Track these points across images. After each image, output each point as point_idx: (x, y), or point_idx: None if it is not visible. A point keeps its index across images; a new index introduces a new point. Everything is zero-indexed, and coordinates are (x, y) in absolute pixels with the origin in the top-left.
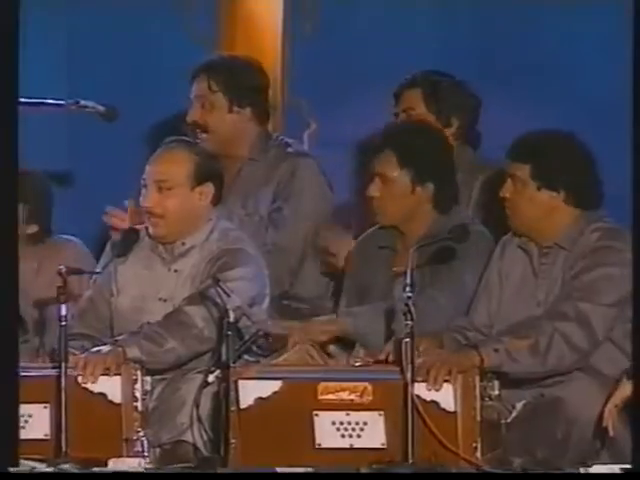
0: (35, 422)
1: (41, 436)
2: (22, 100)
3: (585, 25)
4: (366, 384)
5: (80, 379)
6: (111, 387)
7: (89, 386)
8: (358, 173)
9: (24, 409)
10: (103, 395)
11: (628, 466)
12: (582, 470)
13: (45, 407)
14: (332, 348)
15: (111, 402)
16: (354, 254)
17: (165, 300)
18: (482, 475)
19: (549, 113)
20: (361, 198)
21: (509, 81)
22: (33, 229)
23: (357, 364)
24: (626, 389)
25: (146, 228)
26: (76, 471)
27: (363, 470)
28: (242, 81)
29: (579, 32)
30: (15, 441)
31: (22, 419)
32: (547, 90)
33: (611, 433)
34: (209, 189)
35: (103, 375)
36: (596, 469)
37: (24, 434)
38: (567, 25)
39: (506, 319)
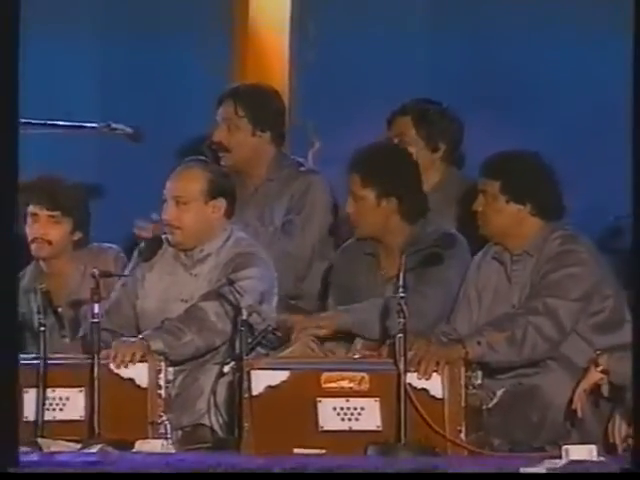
0: (71, 405)
1: (77, 417)
2: (60, 123)
3: (560, 56)
4: (364, 374)
5: (111, 365)
6: (139, 373)
7: (119, 371)
8: None
9: (62, 393)
10: (132, 380)
11: (593, 446)
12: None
13: (80, 391)
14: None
15: (139, 387)
16: (339, 260)
17: (186, 301)
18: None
19: (524, 135)
20: None
21: (492, 106)
22: (78, 236)
23: (356, 356)
24: (593, 376)
25: (167, 237)
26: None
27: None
28: (265, 107)
29: (554, 63)
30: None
31: (60, 402)
32: (523, 115)
33: (580, 415)
34: (221, 204)
35: (130, 361)
36: (576, 453)
37: (61, 415)
38: (544, 57)
39: None
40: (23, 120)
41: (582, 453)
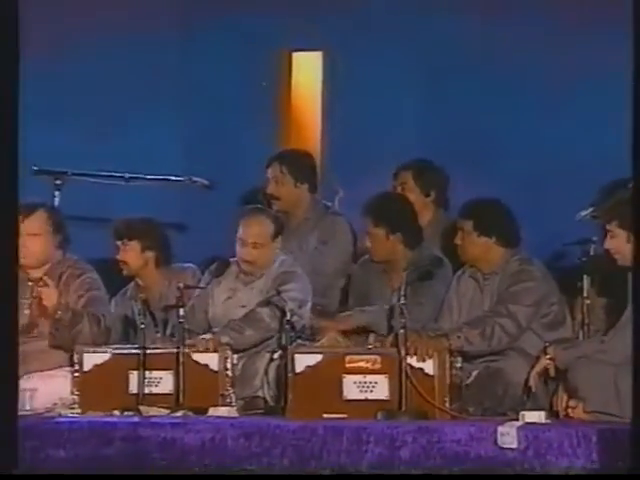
0: (163, 382)
1: (167, 391)
2: (156, 177)
3: (521, 123)
4: (377, 357)
5: (192, 353)
6: (211, 359)
7: (198, 358)
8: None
9: (157, 374)
10: (206, 365)
11: (542, 412)
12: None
13: (169, 372)
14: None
15: (211, 369)
16: (358, 271)
17: (244, 307)
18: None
19: (493, 184)
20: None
21: (469, 162)
22: (150, 254)
23: (369, 347)
24: (543, 362)
25: (239, 265)
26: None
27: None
28: (302, 165)
29: (518, 129)
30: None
31: (155, 380)
32: (493, 169)
33: (533, 390)
34: (279, 241)
35: (206, 351)
36: (530, 417)
37: (157, 390)
38: (509, 125)
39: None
40: (128, 175)
41: (534, 417)
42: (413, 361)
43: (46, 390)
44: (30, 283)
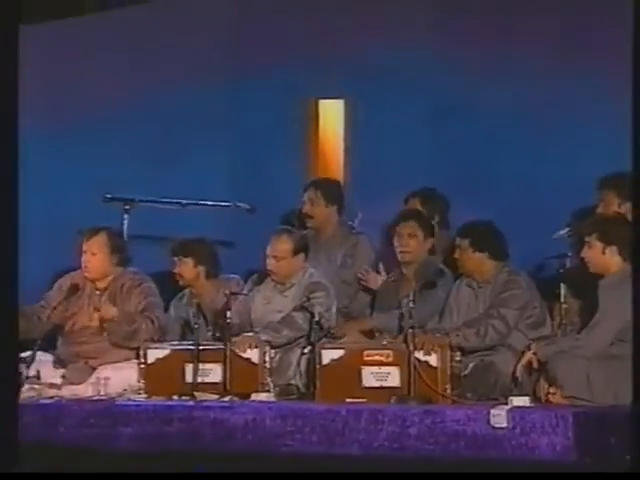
0: (213, 373)
1: (217, 380)
2: (207, 203)
3: (508, 159)
4: (389, 351)
5: (237, 349)
6: (253, 353)
7: (241, 353)
8: (384, 242)
9: (208, 366)
10: (249, 358)
11: (527, 397)
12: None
13: (218, 365)
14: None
15: (253, 362)
16: (381, 287)
17: (280, 311)
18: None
19: (487, 208)
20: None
21: (468, 190)
22: (200, 269)
23: (384, 343)
24: (527, 356)
25: (269, 275)
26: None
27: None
28: (332, 190)
29: (507, 162)
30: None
31: (206, 371)
32: (485, 194)
33: (519, 379)
34: (302, 256)
35: (248, 347)
36: (517, 402)
37: (208, 379)
38: (501, 160)
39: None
40: (185, 201)
41: (520, 402)
42: (420, 355)
43: (117, 379)
44: (97, 292)
